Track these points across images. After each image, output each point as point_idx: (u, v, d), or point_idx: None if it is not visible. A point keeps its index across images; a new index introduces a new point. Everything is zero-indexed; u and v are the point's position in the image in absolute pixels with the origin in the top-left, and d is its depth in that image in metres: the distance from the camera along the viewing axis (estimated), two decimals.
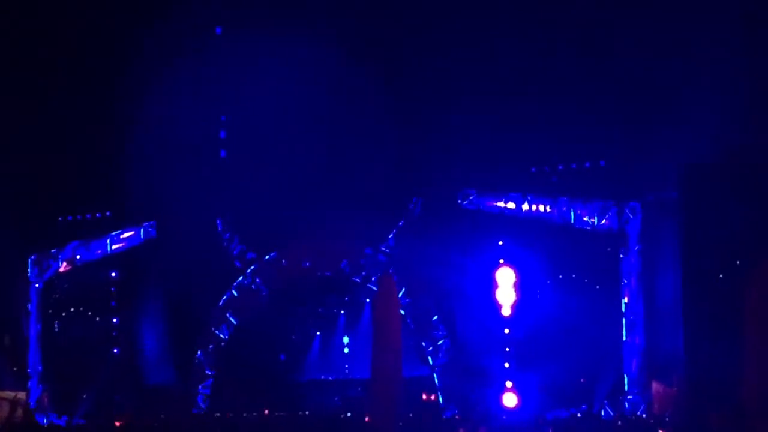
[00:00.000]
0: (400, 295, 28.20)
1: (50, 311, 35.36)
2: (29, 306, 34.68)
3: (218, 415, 31.99)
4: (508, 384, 29.60)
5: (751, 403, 19.33)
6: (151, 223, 34.26)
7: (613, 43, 27.22)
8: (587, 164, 29.54)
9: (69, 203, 34.40)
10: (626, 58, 27.15)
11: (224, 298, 34.01)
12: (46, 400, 34.39)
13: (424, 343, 31.77)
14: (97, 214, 34.61)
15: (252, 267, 33.89)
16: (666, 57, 26.74)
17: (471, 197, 30.92)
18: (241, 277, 33.96)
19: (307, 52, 29.99)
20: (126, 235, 34.43)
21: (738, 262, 26.51)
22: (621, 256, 28.68)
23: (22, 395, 34.13)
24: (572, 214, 29.30)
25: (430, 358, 31.76)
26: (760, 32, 25.63)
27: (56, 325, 35.55)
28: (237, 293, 34.02)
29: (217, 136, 32.73)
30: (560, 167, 29.90)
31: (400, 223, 32.33)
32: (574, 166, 29.70)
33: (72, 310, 35.65)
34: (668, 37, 26.79)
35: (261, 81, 31.12)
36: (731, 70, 25.40)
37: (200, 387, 33.78)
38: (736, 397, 20.15)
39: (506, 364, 29.87)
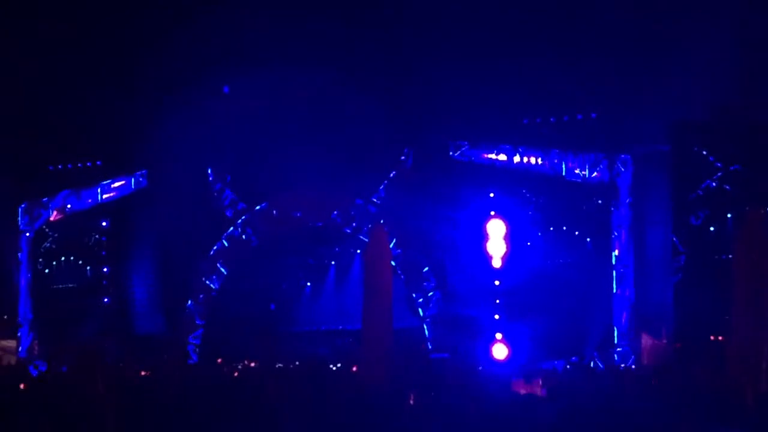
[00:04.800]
0: (390, 246, 28.20)
1: (40, 260, 35.41)
2: (19, 255, 34.67)
3: (208, 365, 32.08)
4: (498, 335, 29.70)
5: (738, 355, 19.41)
6: (143, 172, 34.22)
7: None
8: (579, 117, 29.51)
9: (60, 152, 34.32)
10: (620, 11, 27.04)
11: (215, 248, 34.06)
12: (36, 348, 34.47)
13: (414, 295, 31.87)
14: (89, 163, 34.55)
15: (243, 217, 33.92)
16: (659, 10, 26.65)
17: (462, 149, 30.90)
18: (231, 227, 34.01)
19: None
20: (117, 184, 34.40)
21: (728, 215, 26.67)
22: (612, 208, 28.73)
23: (12, 343, 34.26)
24: (563, 166, 29.32)
25: (420, 309, 31.87)
26: None
27: (46, 274, 35.59)
28: (227, 243, 34.07)
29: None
30: (552, 119, 29.88)
31: (391, 174, 32.33)
32: (566, 118, 29.69)
33: (62, 258, 35.71)
34: None
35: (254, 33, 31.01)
36: (723, 25, 25.34)
37: (190, 337, 33.88)
38: (724, 350, 20.25)
39: (496, 316, 29.95)
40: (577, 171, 29.18)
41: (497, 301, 30.05)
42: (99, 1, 30.56)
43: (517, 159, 30.01)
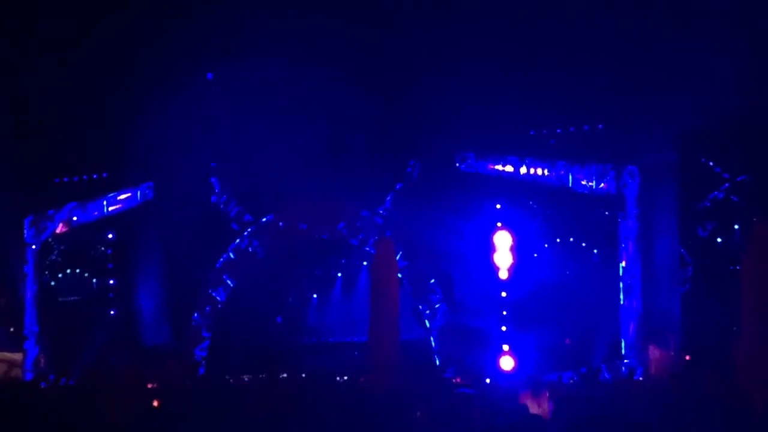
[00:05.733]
0: (397, 258, 28.20)
1: (47, 272, 35.43)
2: (25, 267, 34.69)
3: (216, 378, 32.05)
4: (505, 347, 29.63)
5: (747, 366, 19.38)
6: (149, 184, 34.24)
7: (611, 7, 27.11)
8: (585, 128, 29.51)
9: (66, 164, 34.37)
10: (626, 22, 27.04)
11: (221, 260, 34.05)
12: (42, 361, 34.47)
13: (421, 306, 31.80)
14: (94, 175, 34.60)
15: (249, 229, 33.91)
16: (665, 20, 26.64)
17: (469, 160, 30.90)
18: (238, 239, 33.99)
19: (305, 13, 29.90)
20: (123, 196, 34.43)
21: (735, 226, 26.64)
22: (619, 219, 28.68)
23: (18, 356, 34.27)
24: (570, 177, 29.30)
25: (427, 321, 31.80)
26: None
27: (52, 287, 35.59)
28: (234, 255, 34.06)
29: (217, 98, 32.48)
30: (558, 130, 29.89)
31: (398, 186, 32.31)
32: (572, 129, 29.69)
33: (68, 271, 35.71)
34: (666, 1, 26.72)
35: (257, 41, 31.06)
36: (730, 35, 25.31)
37: (197, 349, 33.85)
38: (733, 361, 20.21)
39: (503, 327, 29.89)
40: (584, 182, 29.15)
41: (504, 313, 29.98)
42: (102, 12, 30.58)
43: (523, 170, 29.99)
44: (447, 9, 29.09)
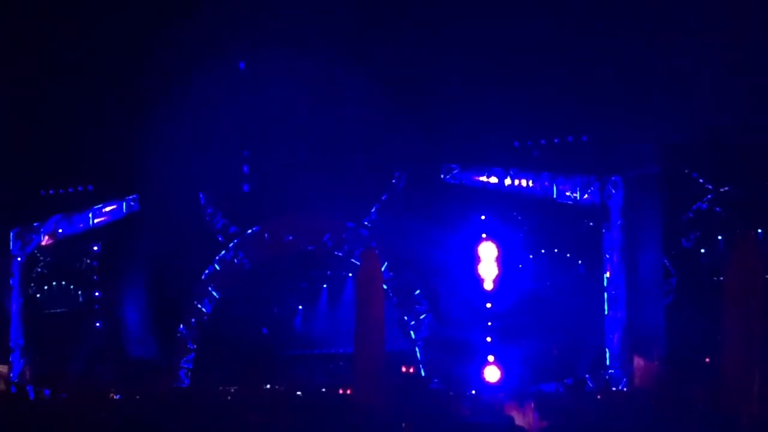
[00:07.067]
0: (382, 269, 28.20)
1: (32, 285, 35.36)
2: (11, 280, 34.64)
3: (200, 389, 32.02)
4: (491, 358, 29.67)
5: (730, 377, 19.46)
6: (134, 196, 34.24)
7: (596, 19, 27.22)
8: (570, 139, 29.57)
9: (51, 176, 34.34)
10: (610, 34, 27.15)
11: (207, 272, 34.01)
12: (28, 373, 34.40)
13: (406, 318, 31.81)
14: (80, 188, 34.57)
15: (234, 241, 33.89)
16: (649, 34, 26.76)
17: (454, 172, 30.94)
18: (223, 251, 33.97)
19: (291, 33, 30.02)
20: (108, 208, 34.40)
21: (719, 237, 26.73)
22: (603, 230, 28.76)
23: (3, 368, 34.18)
24: (554, 188, 29.37)
25: (412, 332, 31.81)
26: (741, 11, 25.69)
27: (38, 299, 35.52)
28: (219, 267, 34.03)
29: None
30: (543, 142, 29.95)
31: (383, 198, 32.30)
32: (556, 140, 29.75)
33: (54, 283, 35.62)
34: (651, 14, 26.83)
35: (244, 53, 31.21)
36: (713, 48, 25.44)
37: (182, 361, 33.81)
38: (716, 371, 20.29)
39: (488, 339, 29.93)
40: (568, 193, 29.23)
41: (489, 324, 30.01)
42: (91, 27, 30.61)
43: (508, 182, 30.04)
44: (432, 23, 29.18)
